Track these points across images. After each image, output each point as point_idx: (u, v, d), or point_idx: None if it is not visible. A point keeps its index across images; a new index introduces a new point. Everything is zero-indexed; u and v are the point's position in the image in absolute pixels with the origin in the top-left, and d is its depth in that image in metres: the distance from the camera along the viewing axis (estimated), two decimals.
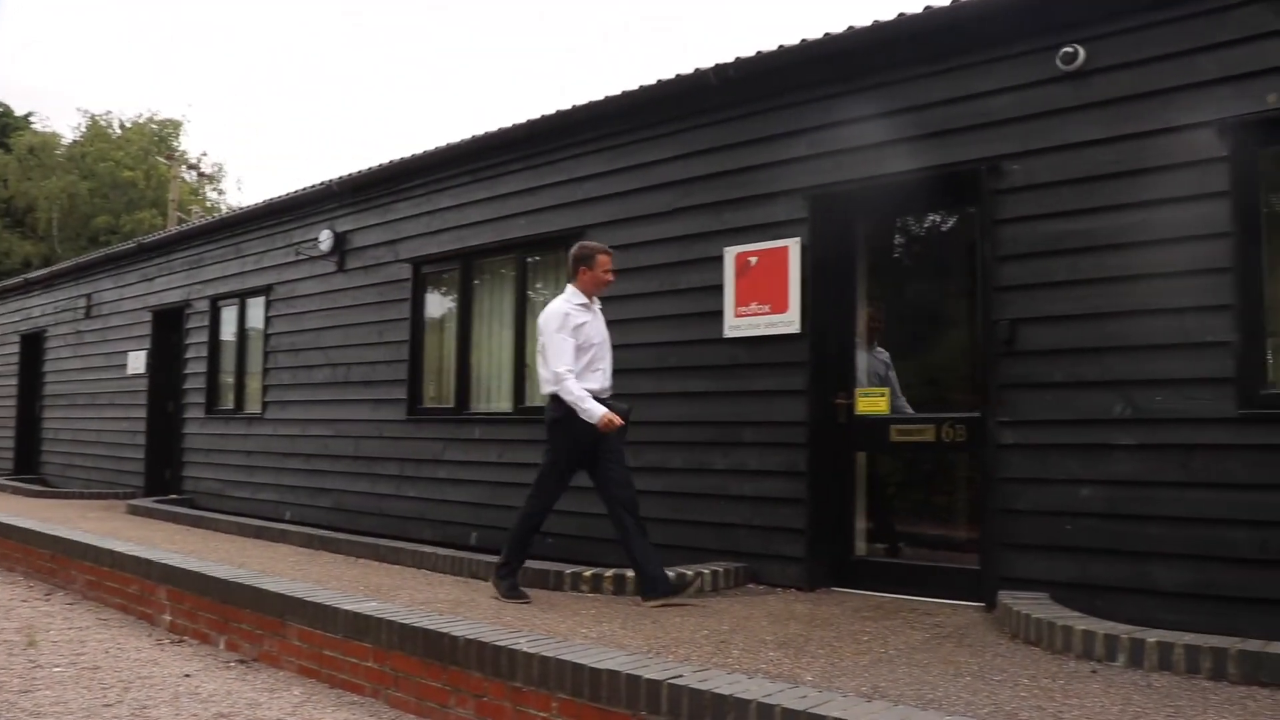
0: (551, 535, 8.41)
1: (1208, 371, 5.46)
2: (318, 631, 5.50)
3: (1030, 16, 6.17)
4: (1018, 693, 4.28)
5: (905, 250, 7.77)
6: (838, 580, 6.87)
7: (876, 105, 6.82)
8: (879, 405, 6.87)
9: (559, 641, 4.75)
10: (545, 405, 6.68)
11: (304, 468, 11.39)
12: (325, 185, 11.31)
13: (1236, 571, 5.27)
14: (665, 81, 7.86)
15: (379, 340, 10.60)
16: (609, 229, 8.33)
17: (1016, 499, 6.04)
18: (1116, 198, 5.82)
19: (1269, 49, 5.39)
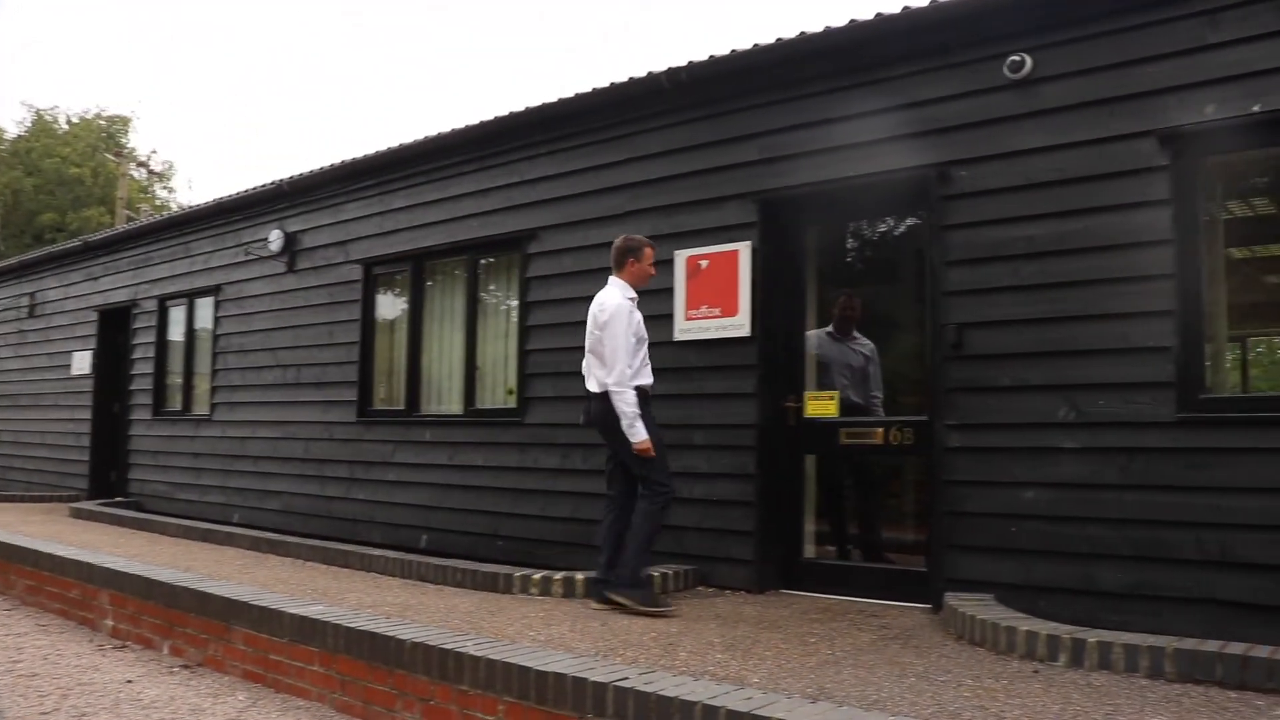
0: (501, 538, 8.42)
1: (1148, 376, 5.55)
2: (263, 635, 5.45)
3: (979, 25, 6.24)
4: (961, 693, 4.33)
5: (856, 255, 7.84)
6: (787, 582, 6.90)
7: (827, 111, 6.87)
8: (828, 408, 6.92)
9: (506, 644, 4.74)
10: (591, 403, 6.45)
11: (252, 470, 11.29)
12: (276, 185, 11.21)
13: (1174, 572, 5.37)
14: (618, 84, 7.87)
15: (329, 341, 10.53)
16: (561, 231, 8.33)
17: (963, 501, 6.10)
18: (1062, 205, 5.90)
19: (1208, 62, 5.50)
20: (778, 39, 7.01)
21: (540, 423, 8.33)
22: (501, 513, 8.55)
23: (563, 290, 8.29)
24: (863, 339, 7.29)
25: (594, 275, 7.97)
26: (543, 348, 8.40)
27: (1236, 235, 9.59)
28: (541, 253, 8.49)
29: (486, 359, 9.18)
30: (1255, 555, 5.15)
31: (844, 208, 7.20)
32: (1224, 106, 5.43)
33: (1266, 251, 10.66)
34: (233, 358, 11.84)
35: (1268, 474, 5.15)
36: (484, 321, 9.26)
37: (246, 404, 11.55)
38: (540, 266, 8.49)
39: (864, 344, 7.28)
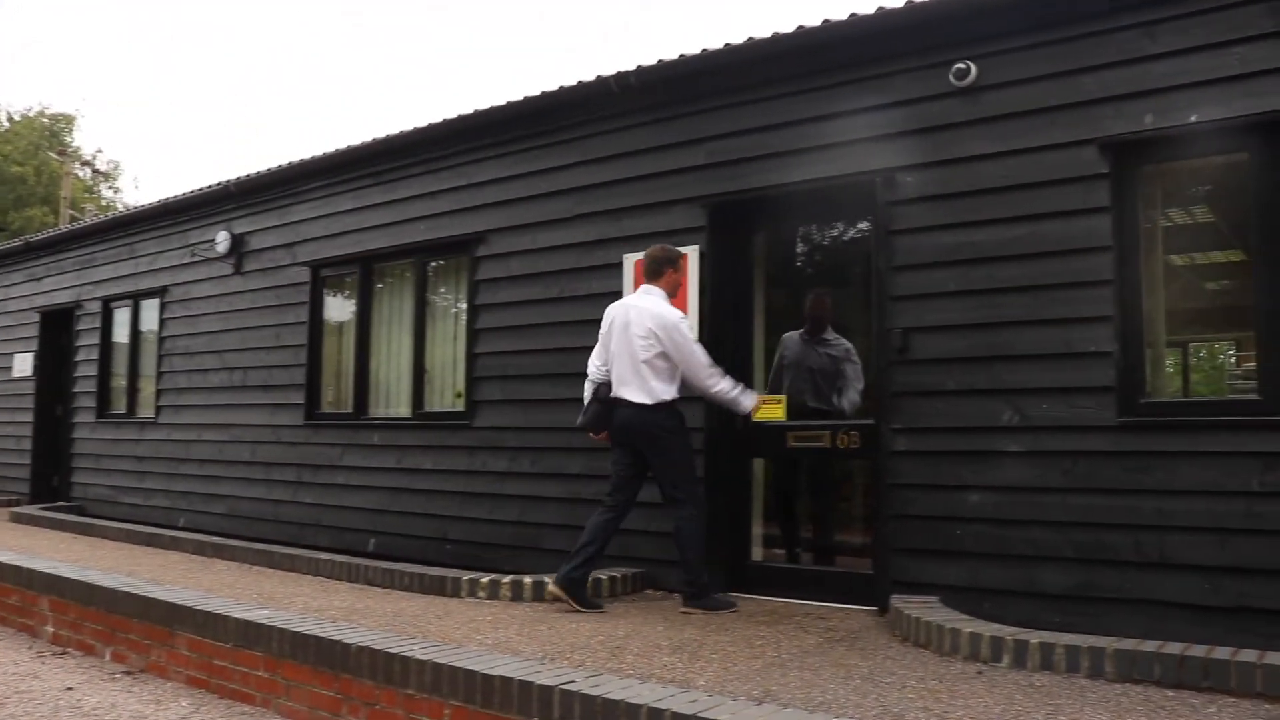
0: (450, 542, 8.39)
1: (1090, 380, 5.63)
2: (207, 640, 5.39)
3: (925, 33, 6.31)
4: (905, 694, 4.36)
5: (806, 259, 7.88)
6: (735, 585, 6.91)
7: (775, 116, 6.92)
8: (775, 412, 6.95)
9: (453, 648, 4.73)
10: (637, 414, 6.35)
11: (198, 473, 11.16)
12: (222, 186, 11.10)
13: (1116, 573, 5.45)
14: (566, 88, 7.87)
15: (276, 344, 10.43)
16: (509, 234, 8.32)
17: (909, 505, 6.16)
18: (1006, 211, 5.97)
19: (1146, 72, 5.59)
20: (726, 44, 7.05)
21: (488, 426, 8.30)
22: (450, 516, 8.51)
23: (511, 293, 8.27)
24: (835, 340, 7.21)
25: (542, 279, 7.99)
26: (491, 351, 8.37)
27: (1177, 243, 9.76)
28: (490, 256, 8.47)
29: (435, 362, 9.15)
30: (1193, 557, 5.24)
31: (792, 212, 7.25)
32: (1162, 116, 5.53)
33: (1206, 259, 10.86)
34: (178, 360, 11.70)
35: (1206, 477, 5.24)
36: (432, 324, 9.22)
37: (192, 406, 11.42)
38: (489, 270, 8.47)
39: (835, 345, 7.21)
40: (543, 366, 7.95)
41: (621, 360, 6.40)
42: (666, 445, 6.33)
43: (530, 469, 7.97)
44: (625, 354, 6.39)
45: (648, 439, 6.34)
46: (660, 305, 6.42)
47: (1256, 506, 5.10)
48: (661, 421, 6.32)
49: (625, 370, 6.40)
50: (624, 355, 6.39)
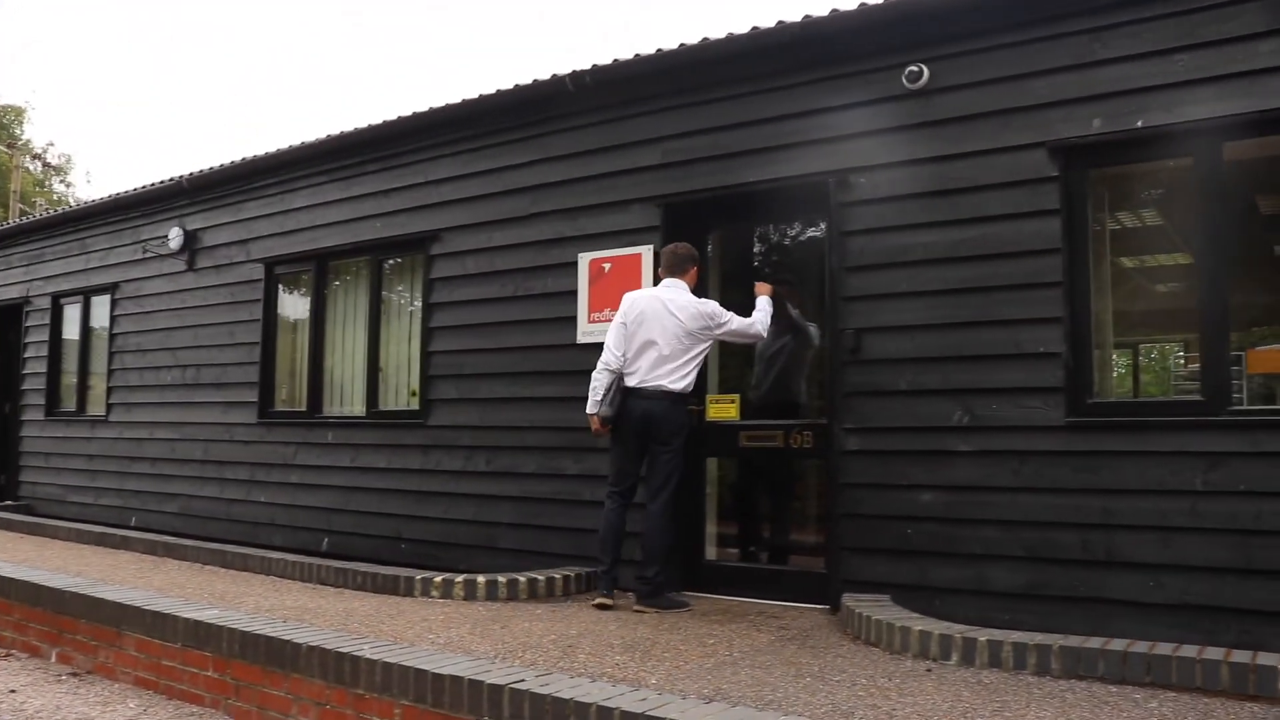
0: (405, 541, 8.36)
1: (1039, 381, 5.70)
2: (156, 641, 5.35)
3: (878, 35, 6.35)
4: (855, 692, 4.40)
5: (761, 259, 7.91)
6: (689, 584, 6.92)
7: (729, 116, 6.94)
8: (729, 411, 6.98)
9: (404, 647, 4.71)
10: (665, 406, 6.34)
11: (150, 472, 11.04)
12: (175, 182, 10.98)
13: (1063, 572, 5.52)
14: (522, 86, 7.86)
15: (230, 341, 10.34)
16: (464, 232, 8.30)
17: (861, 504, 6.20)
18: (957, 213, 6.03)
19: (1094, 77, 5.67)
20: (681, 44, 7.06)
21: (443, 425, 8.28)
22: (404, 515, 8.48)
23: (466, 292, 8.25)
24: (802, 330, 7.21)
25: (498, 277, 7.98)
26: (446, 350, 8.35)
27: (1126, 245, 9.89)
28: (445, 254, 8.45)
29: (390, 360, 9.10)
30: (1138, 555, 5.32)
31: (748, 213, 7.28)
32: (1110, 121, 5.60)
33: (1155, 261, 11.01)
34: (130, 357, 11.57)
35: (1151, 476, 5.33)
36: (387, 323, 9.18)
37: (144, 404, 11.29)
38: (444, 268, 8.44)
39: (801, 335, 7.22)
40: (498, 365, 7.94)
41: (661, 350, 6.35)
42: (680, 440, 6.38)
43: (485, 468, 7.96)
44: (671, 344, 6.35)
45: (671, 430, 6.33)
46: (688, 295, 6.47)
47: (1199, 505, 5.19)
48: (684, 417, 6.41)
49: (658, 359, 6.36)
50: (658, 344, 6.35)
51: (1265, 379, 6.77)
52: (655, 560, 6.29)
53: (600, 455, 7.24)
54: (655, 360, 6.35)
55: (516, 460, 7.76)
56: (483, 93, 8.16)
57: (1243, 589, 5.05)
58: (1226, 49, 5.34)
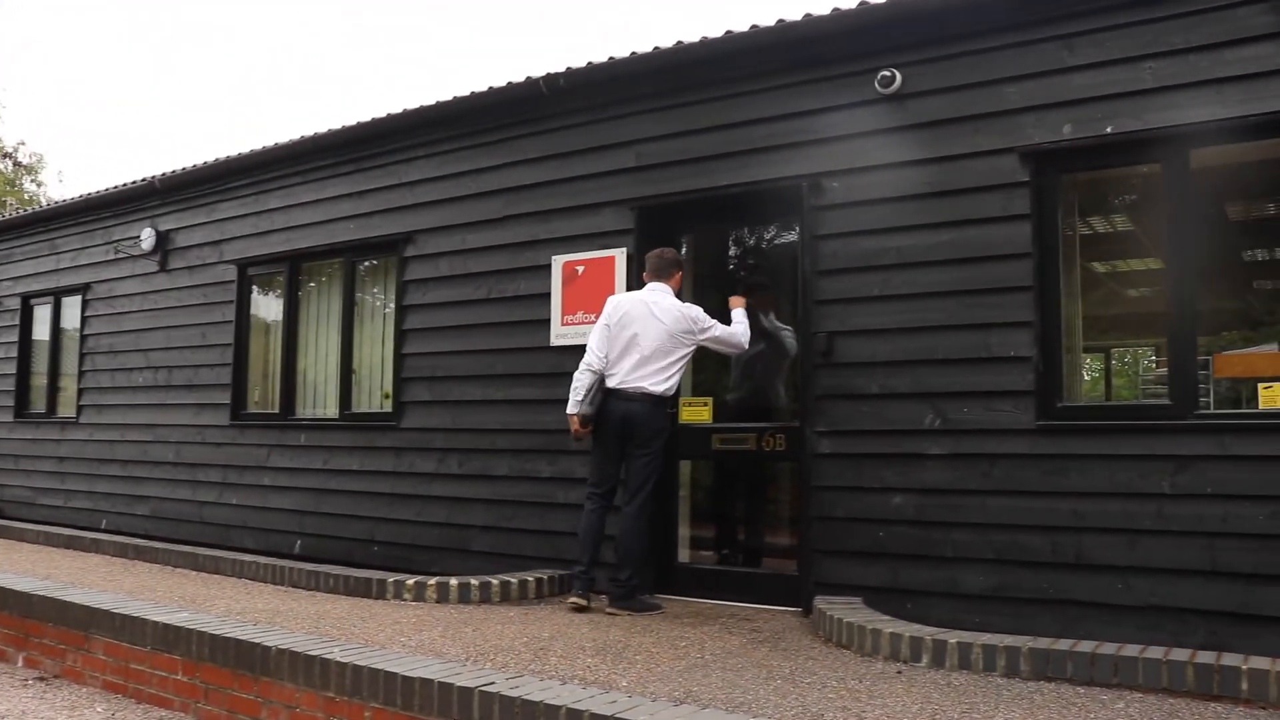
0: (377, 543, 8.33)
1: (1010, 385, 5.74)
2: (125, 644, 5.31)
3: (851, 39, 6.38)
4: (825, 694, 4.41)
5: (736, 262, 7.93)
6: (662, 587, 6.93)
7: (703, 120, 6.96)
8: (702, 414, 6.99)
9: (375, 650, 4.70)
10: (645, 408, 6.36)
11: (121, 474, 10.96)
12: (148, 182, 10.92)
13: (1032, 574, 5.55)
14: (496, 89, 7.85)
15: (202, 343, 10.29)
16: (439, 234, 8.29)
17: (833, 507, 6.22)
18: (929, 217, 6.06)
19: (1065, 83, 5.72)
20: (654, 48, 7.08)
21: (416, 427, 8.26)
22: (377, 518, 8.45)
23: (440, 294, 8.23)
24: (777, 333, 7.21)
25: (471, 279, 7.97)
26: (419, 352, 8.33)
27: (1097, 250, 9.96)
28: (418, 256, 8.43)
29: (363, 363, 9.08)
30: (1107, 557, 5.36)
31: (721, 216, 7.30)
32: (1080, 127, 5.65)
33: (1126, 266, 11.10)
34: (101, 359, 11.49)
35: (1120, 479, 5.37)
36: (360, 324, 9.15)
37: (115, 406, 11.21)
38: (417, 270, 8.43)
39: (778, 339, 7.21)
40: (471, 368, 7.93)
41: (644, 352, 6.37)
42: (659, 444, 6.40)
43: (458, 470, 7.95)
44: (653, 346, 6.36)
45: (650, 433, 6.34)
46: (675, 301, 6.49)
47: (1166, 508, 5.24)
48: (663, 420, 6.44)
49: (640, 361, 6.37)
50: (640, 346, 6.37)
51: (1233, 383, 6.84)
52: (629, 563, 6.30)
53: (573, 457, 7.26)
54: (637, 362, 6.37)
55: (489, 463, 7.75)
56: (457, 95, 8.16)
57: (1208, 591, 5.10)
58: (1192, 57, 5.40)
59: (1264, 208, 8.20)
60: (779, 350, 7.16)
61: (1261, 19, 5.26)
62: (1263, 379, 5.55)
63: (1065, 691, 4.50)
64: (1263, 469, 5.05)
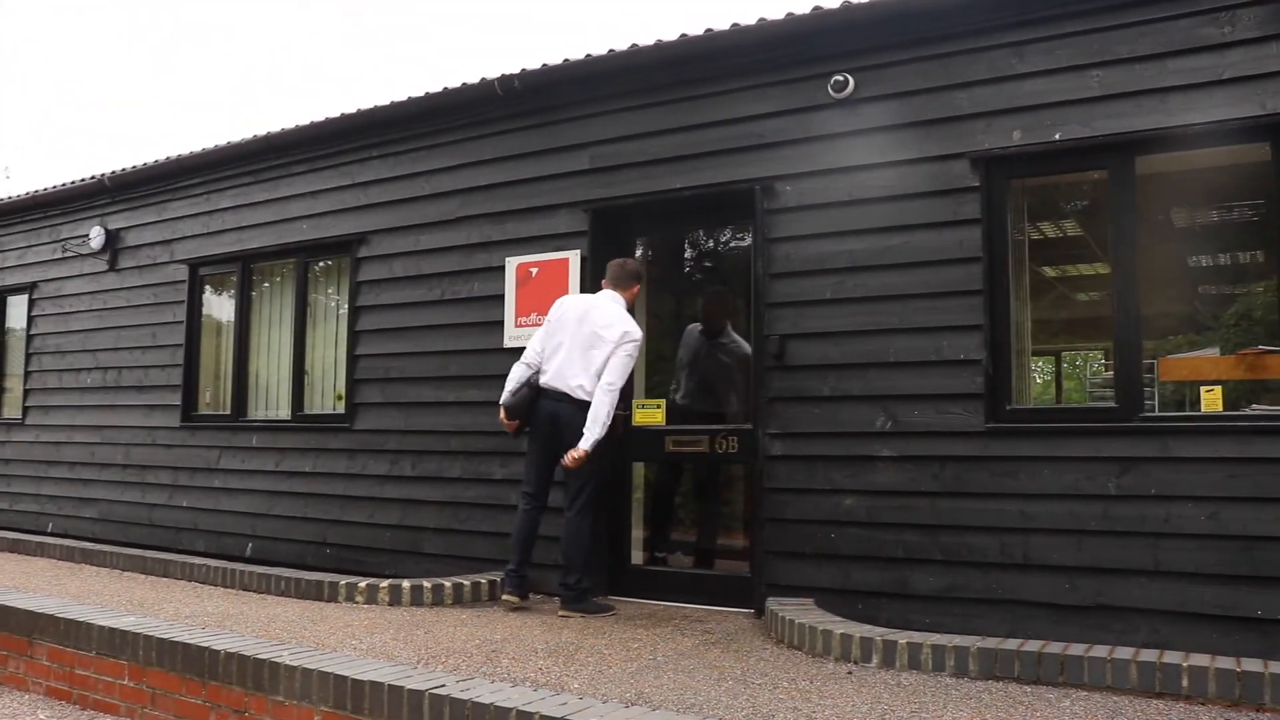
0: (330, 546, 8.28)
1: (960, 388, 5.80)
2: (69, 649, 5.24)
3: (804, 44, 6.42)
4: (776, 695, 4.44)
5: (690, 265, 7.96)
6: (615, 589, 6.94)
7: (658, 122, 6.98)
8: (655, 416, 7.00)
9: (325, 653, 4.67)
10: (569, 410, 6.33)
11: (68, 476, 10.81)
12: (97, 180, 10.77)
13: (981, 575, 5.62)
14: (451, 90, 7.83)
15: (153, 343, 10.17)
16: (392, 235, 8.25)
17: (785, 508, 6.26)
18: (881, 221, 6.11)
19: (1015, 90, 5.80)
20: (610, 50, 7.09)
21: (369, 429, 8.21)
22: (330, 520, 8.39)
23: (393, 295, 8.19)
24: (732, 341, 7.21)
25: (425, 281, 7.94)
26: (373, 353, 8.29)
27: (1047, 255, 10.09)
28: (372, 257, 8.38)
29: (316, 364, 9.01)
30: (1054, 558, 5.43)
31: (675, 219, 7.32)
32: (1029, 133, 5.72)
33: (1076, 271, 11.26)
34: (48, 359, 11.32)
35: (1066, 480, 5.44)
36: (314, 325, 9.09)
37: (63, 408, 11.06)
38: (371, 271, 8.38)
39: (732, 347, 7.21)
40: (424, 369, 7.90)
41: (570, 352, 6.37)
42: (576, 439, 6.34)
43: (411, 473, 7.91)
44: (578, 346, 6.36)
45: (575, 436, 6.28)
46: (623, 311, 6.46)
47: (1112, 509, 5.32)
48: (583, 412, 6.33)
49: (572, 361, 6.37)
50: (576, 347, 6.36)
51: (1177, 386, 6.96)
52: (575, 567, 6.31)
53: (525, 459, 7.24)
54: (563, 362, 6.39)
55: (442, 464, 7.73)
56: (411, 95, 8.12)
57: (1151, 590, 5.19)
58: (1137, 67, 5.49)
59: (1208, 214, 8.35)
60: (732, 356, 7.18)
61: (1202, 31, 5.37)
62: (1205, 382, 5.66)
63: (1013, 690, 4.56)
64: (1203, 470, 5.15)
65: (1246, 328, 8.04)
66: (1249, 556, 5.02)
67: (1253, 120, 5.22)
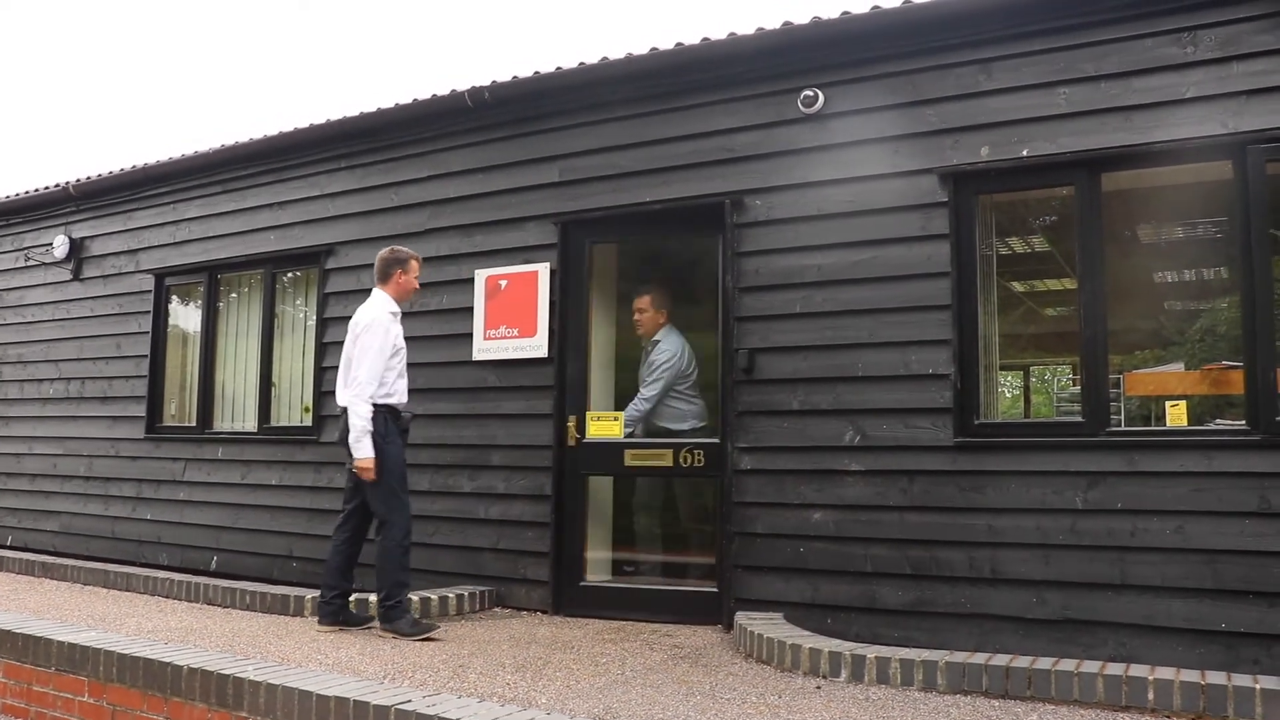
0: (296, 559, 8.21)
1: (928, 402, 5.82)
2: (28, 666, 5.18)
3: (774, 59, 6.45)
4: (745, 709, 4.43)
5: (659, 278, 7.93)
6: (570, 607, 6.87)
7: (628, 136, 6.98)
8: (611, 429, 6.93)
9: (290, 668, 4.63)
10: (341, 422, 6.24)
11: (29, 489, 10.66)
12: (61, 188, 10.65)
13: (950, 589, 5.63)
14: (421, 101, 7.80)
15: (117, 354, 10.05)
16: (360, 246, 8.20)
17: (753, 522, 6.25)
18: (850, 236, 6.14)
19: (982, 107, 5.84)
20: (580, 63, 7.09)
21: (336, 441, 8.12)
22: (296, 533, 8.31)
23: None
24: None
25: None
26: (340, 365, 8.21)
27: (1016, 270, 10.16)
28: (339, 268, 8.34)
29: (283, 375, 8.94)
30: (1022, 571, 5.46)
31: (645, 232, 7.30)
32: (997, 149, 5.77)
33: (1045, 286, 11.34)
34: (9, 369, 11.17)
35: (1034, 495, 5.47)
36: (281, 337, 9.02)
37: (23, 418, 10.90)
38: (338, 282, 8.33)
39: (657, 351, 7.20)
40: None
41: (342, 368, 6.29)
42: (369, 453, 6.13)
43: None
44: (342, 360, 6.30)
45: (347, 448, 6.17)
46: (368, 305, 6.35)
47: (1079, 523, 5.35)
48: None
49: (341, 376, 6.30)
50: (342, 362, 6.30)
51: (1143, 401, 7.02)
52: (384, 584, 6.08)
53: (494, 473, 7.24)
54: (342, 376, 6.31)
55: (410, 477, 7.65)
56: (381, 106, 8.09)
57: (1119, 604, 5.22)
58: (1103, 85, 5.56)
59: (1173, 231, 8.44)
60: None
61: (1165, 50, 5.44)
62: (1170, 397, 5.71)
63: (981, 705, 4.56)
64: (1169, 485, 5.19)
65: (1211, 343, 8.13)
66: (1213, 570, 5.06)
67: (1215, 139, 5.28)
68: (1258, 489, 5.02)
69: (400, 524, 6.13)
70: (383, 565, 6.10)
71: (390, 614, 6.07)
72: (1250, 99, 5.24)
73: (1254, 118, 5.21)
